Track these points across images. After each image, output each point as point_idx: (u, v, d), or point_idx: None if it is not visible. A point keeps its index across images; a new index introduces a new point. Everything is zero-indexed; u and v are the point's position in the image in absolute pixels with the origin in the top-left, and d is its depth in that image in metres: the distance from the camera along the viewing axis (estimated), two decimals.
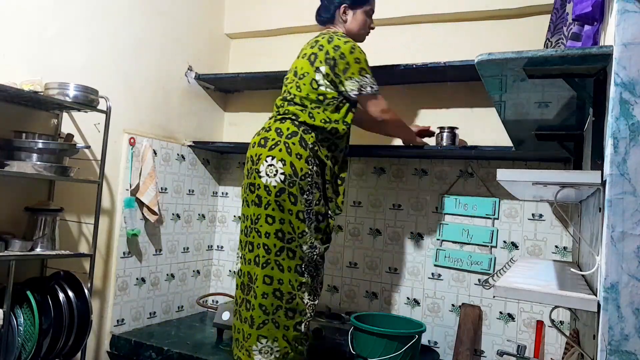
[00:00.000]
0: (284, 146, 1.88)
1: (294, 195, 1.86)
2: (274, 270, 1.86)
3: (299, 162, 1.87)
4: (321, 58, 1.95)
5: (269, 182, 1.86)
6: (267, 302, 1.85)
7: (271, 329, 1.85)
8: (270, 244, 1.86)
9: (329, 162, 1.98)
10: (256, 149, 1.93)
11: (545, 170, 1.10)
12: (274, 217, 1.86)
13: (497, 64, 1.13)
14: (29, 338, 1.82)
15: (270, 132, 1.94)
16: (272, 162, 1.87)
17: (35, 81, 1.86)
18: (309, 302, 1.91)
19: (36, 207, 1.95)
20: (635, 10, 0.95)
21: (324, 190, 1.98)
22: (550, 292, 1.01)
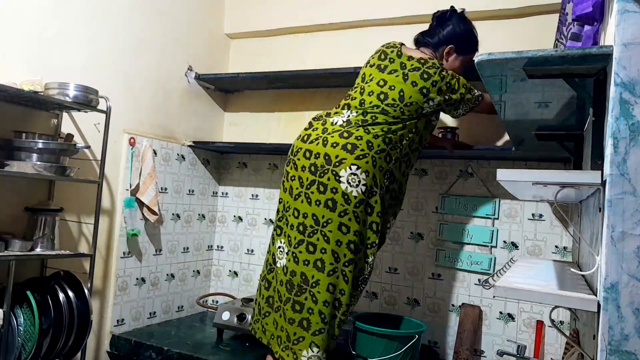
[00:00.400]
0: (371, 159, 1.83)
1: (371, 207, 1.83)
2: (339, 279, 1.81)
3: (379, 174, 1.84)
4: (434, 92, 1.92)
5: (350, 190, 1.79)
6: (327, 311, 1.80)
7: (326, 339, 1.81)
8: (340, 253, 1.80)
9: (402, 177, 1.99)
10: (338, 151, 1.83)
11: (545, 170, 1.10)
12: (350, 227, 1.80)
13: (497, 64, 1.13)
14: (29, 338, 1.82)
15: (361, 142, 1.84)
16: (356, 171, 1.81)
17: (35, 81, 1.86)
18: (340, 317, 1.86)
19: (36, 207, 1.95)
20: (635, 10, 0.95)
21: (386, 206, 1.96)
22: (550, 292, 1.01)
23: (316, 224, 1.82)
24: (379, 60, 2.03)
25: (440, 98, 1.92)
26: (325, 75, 2.57)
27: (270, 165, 2.94)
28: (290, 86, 2.87)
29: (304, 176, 1.86)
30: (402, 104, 1.89)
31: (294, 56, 2.90)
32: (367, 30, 2.72)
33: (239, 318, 2.34)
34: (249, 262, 2.95)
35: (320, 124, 1.94)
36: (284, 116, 2.95)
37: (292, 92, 2.93)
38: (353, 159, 1.81)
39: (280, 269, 1.91)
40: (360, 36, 2.74)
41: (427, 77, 1.90)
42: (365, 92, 1.96)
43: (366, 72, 2.04)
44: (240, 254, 2.98)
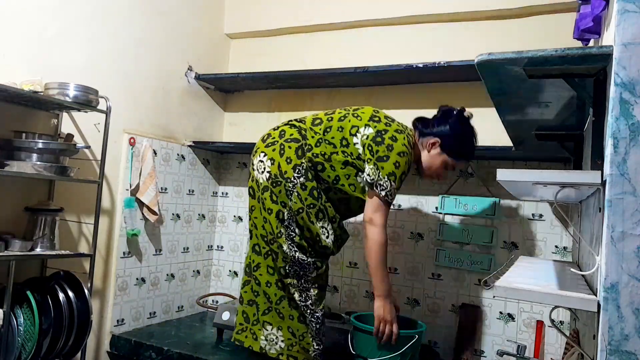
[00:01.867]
0: (279, 147, 1.90)
1: (275, 195, 1.87)
2: (272, 261, 1.91)
3: (286, 166, 1.87)
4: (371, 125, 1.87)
5: (258, 177, 1.92)
6: (271, 291, 1.91)
7: (275, 316, 1.90)
8: (268, 235, 1.91)
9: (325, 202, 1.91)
10: (258, 142, 2.00)
11: (545, 170, 1.10)
12: (260, 211, 1.92)
13: (497, 64, 1.13)
14: (29, 338, 1.82)
15: (275, 131, 1.98)
16: (263, 158, 1.91)
17: (35, 81, 1.86)
18: (299, 301, 1.90)
19: (36, 207, 1.95)
20: (635, 10, 0.95)
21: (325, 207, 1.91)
22: (550, 292, 1.01)
23: (250, 211, 1.98)
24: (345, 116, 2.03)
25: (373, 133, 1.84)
26: (325, 75, 2.57)
27: None
28: (290, 86, 2.87)
29: None
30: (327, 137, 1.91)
31: (294, 56, 2.90)
32: (367, 30, 2.72)
33: None
34: None
35: None
36: (284, 116, 2.95)
37: (292, 92, 2.93)
38: (263, 146, 1.94)
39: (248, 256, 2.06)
40: (360, 36, 2.74)
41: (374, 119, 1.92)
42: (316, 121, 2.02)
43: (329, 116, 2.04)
44: (240, 254, 2.97)
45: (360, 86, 2.72)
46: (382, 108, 2.67)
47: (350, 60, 2.61)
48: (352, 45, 2.74)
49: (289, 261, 1.88)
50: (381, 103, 2.68)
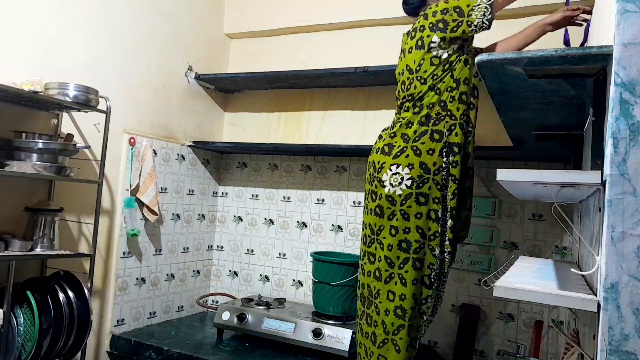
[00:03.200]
0: (411, 151, 1.74)
1: (424, 195, 1.72)
2: (397, 285, 1.73)
3: (430, 158, 1.73)
4: (427, 33, 1.78)
5: (393, 191, 1.74)
6: (388, 320, 1.73)
7: (391, 349, 1.72)
8: (393, 257, 1.74)
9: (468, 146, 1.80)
10: (379, 156, 1.80)
11: (545, 170, 1.10)
12: (398, 227, 1.73)
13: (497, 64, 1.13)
14: (29, 338, 1.82)
15: (396, 138, 1.79)
16: (397, 170, 1.74)
17: (35, 81, 1.86)
18: (427, 318, 1.77)
19: (36, 207, 1.95)
20: (635, 10, 0.95)
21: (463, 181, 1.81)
22: (550, 292, 1.01)
23: (372, 233, 1.79)
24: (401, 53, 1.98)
25: (438, 32, 1.76)
26: (325, 75, 2.57)
27: (270, 165, 2.94)
28: (290, 86, 2.87)
29: (366, 188, 1.86)
30: (415, 75, 1.81)
31: (294, 56, 2.90)
32: (367, 30, 2.72)
33: (239, 318, 2.34)
34: (249, 262, 2.95)
35: (384, 132, 1.90)
36: (284, 116, 2.95)
37: (292, 92, 2.93)
38: (391, 159, 1.77)
39: (359, 284, 1.88)
40: (360, 36, 2.74)
41: (415, 31, 1.83)
42: (396, 93, 1.93)
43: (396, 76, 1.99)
44: (240, 254, 2.98)
45: (360, 86, 2.73)
46: (382, 108, 2.68)
47: (350, 60, 2.61)
48: (352, 45, 2.74)
49: (435, 267, 1.75)
50: (381, 103, 2.68)
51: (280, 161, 2.92)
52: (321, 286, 2.33)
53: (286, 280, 2.83)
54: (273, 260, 2.88)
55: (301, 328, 2.24)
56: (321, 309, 2.35)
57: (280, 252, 2.86)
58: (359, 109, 2.75)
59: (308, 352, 2.22)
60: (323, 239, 2.75)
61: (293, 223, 2.84)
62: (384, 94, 2.67)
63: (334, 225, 2.73)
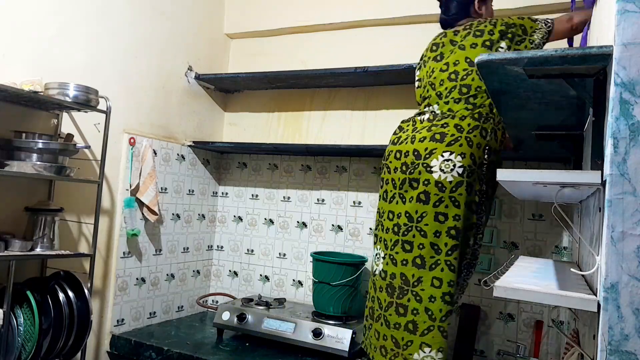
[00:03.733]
0: (465, 141, 1.77)
1: (471, 186, 1.75)
2: (445, 271, 1.72)
3: (477, 152, 1.77)
4: (497, 38, 1.88)
5: (443, 177, 1.74)
6: (435, 306, 1.71)
7: (437, 336, 1.71)
8: (441, 244, 1.73)
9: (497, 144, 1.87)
10: (427, 143, 1.80)
11: (545, 170, 1.10)
12: (447, 214, 1.73)
13: (497, 64, 1.13)
14: (29, 338, 1.82)
15: (449, 128, 1.81)
16: (449, 157, 1.75)
17: (35, 81, 1.86)
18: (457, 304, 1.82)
19: (36, 207, 1.95)
20: (635, 10, 0.95)
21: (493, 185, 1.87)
22: (550, 292, 1.01)
23: (410, 220, 1.77)
24: (432, 53, 2.01)
25: (506, 41, 1.86)
26: (325, 75, 2.57)
27: (270, 165, 2.94)
28: (290, 86, 2.87)
29: (396, 177, 1.84)
30: (475, 68, 1.83)
31: (294, 56, 2.90)
32: (367, 30, 2.72)
33: (239, 318, 2.34)
34: (249, 262, 2.95)
35: (410, 124, 1.92)
36: (284, 116, 2.95)
37: (292, 92, 2.93)
38: (444, 146, 1.77)
39: (377, 275, 1.85)
40: (360, 36, 2.74)
41: (481, 33, 1.88)
42: (436, 84, 1.93)
43: (426, 70, 2.00)
44: (240, 254, 2.98)
45: (360, 86, 2.73)
46: (382, 108, 2.68)
47: (350, 60, 2.61)
48: (352, 45, 2.74)
49: (468, 257, 1.81)
50: (381, 103, 2.68)
51: (280, 161, 2.92)
52: (321, 286, 2.33)
53: (286, 280, 2.83)
54: (273, 260, 2.88)
55: (301, 328, 2.24)
56: (321, 309, 2.35)
57: (280, 252, 2.86)
58: (359, 109, 2.75)
59: (308, 352, 2.22)
60: (323, 239, 2.75)
61: (293, 223, 2.84)
62: (384, 94, 2.67)
63: (334, 225, 2.73)
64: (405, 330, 1.74)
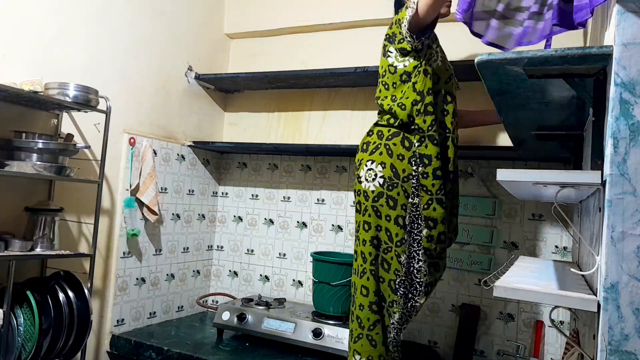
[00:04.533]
0: (384, 149, 1.76)
1: (393, 200, 1.72)
2: (370, 280, 1.74)
3: (400, 164, 1.73)
4: (385, 43, 1.85)
5: (367, 186, 1.75)
6: (363, 315, 1.74)
7: (365, 345, 1.73)
8: (366, 252, 1.75)
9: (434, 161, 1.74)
10: (359, 154, 1.83)
11: (545, 170, 1.10)
12: (370, 223, 1.74)
13: (497, 64, 1.13)
14: (29, 338, 1.82)
15: (372, 136, 1.82)
16: (371, 166, 1.76)
17: (35, 81, 1.86)
18: (395, 323, 1.75)
19: (36, 207, 1.95)
20: (635, 10, 0.95)
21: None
22: (550, 292, 1.01)
23: (356, 230, 1.82)
24: None
25: (393, 44, 1.80)
26: (325, 75, 2.57)
27: (270, 165, 2.94)
28: (290, 86, 2.87)
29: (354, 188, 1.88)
30: (380, 79, 1.86)
31: (294, 56, 2.90)
32: (367, 30, 2.72)
33: (239, 318, 2.34)
34: (249, 262, 2.95)
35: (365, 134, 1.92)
36: (284, 116, 2.95)
37: (292, 92, 2.93)
38: (368, 155, 1.79)
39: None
40: (360, 36, 2.74)
41: (386, 38, 1.87)
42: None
43: None
44: (240, 254, 2.98)
45: (360, 86, 2.72)
46: None
47: (350, 60, 2.61)
48: (352, 45, 2.74)
49: (401, 274, 1.74)
50: None
51: (280, 161, 2.92)
52: (321, 286, 2.33)
53: (286, 280, 2.83)
54: (273, 260, 2.88)
55: (301, 328, 2.24)
56: (321, 309, 2.35)
57: (280, 252, 2.86)
58: (359, 109, 2.75)
59: (308, 352, 2.22)
60: (323, 239, 2.76)
61: (293, 223, 2.85)
62: None
63: (334, 225, 2.73)
64: (349, 337, 1.81)
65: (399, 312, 1.75)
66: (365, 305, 1.74)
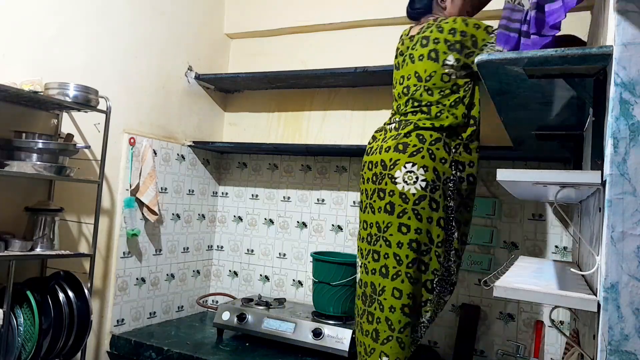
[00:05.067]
0: (427, 153, 1.75)
1: (436, 202, 1.73)
2: (405, 283, 1.72)
3: (442, 167, 1.75)
4: (444, 49, 1.80)
5: (407, 189, 1.73)
6: (394, 317, 1.72)
7: (394, 347, 1.72)
8: (402, 255, 1.73)
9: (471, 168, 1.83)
10: (391, 154, 1.79)
11: (545, 170, 1.10)
12: (409, 226, 1.72)
13: (497, 64, 1.13)
14: (29, 338, 1.82)
15: (411, 138, 1.79)
16: (412, 168, 1.74)
17: (35, 81, 1.86)
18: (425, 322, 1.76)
19: (36, 207, 1.95)
20: (635, 10, 0.95)
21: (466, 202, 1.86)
22: (550, 292, 1.01)
23: (379, 230, 1.78)
24: (395, 60, 2.00)
25: (454, 53, 1.78)
26: (325, 75, 2.57)
27: (270, 165, 2.94)
28: (290, 86, 2.87)
29: (368, 187, 1.85)
30: (423, 83, 1.82)
31: (294, 56, 2.90)
32: (367, 30, 2.72)
33: (239, 318, 2.34)
34: (249, 262, 2.95)
35: (382, 134, 1.90)
36: (284, 116, 2.95)
37: (292, 92, 2.93)
38: (407, 157, 1.76)
39: (357, 284, 1.88)
40: (360, 36, 2.74)
41: (427, 41, 1.83)
42: (395, 95, 1.94)
43: (395, 75, 2.00)
44: (240, 254, 2.98)
45: (360, 86, 2.73)
46: (382, 108, 2.68)
47: (350, 60, 2.61)
48: (352, 45, 2.74)
49: (439, 274, 1.75)
50: (381, 103, 2.68)
51: (280, 161, 2.92)
52: (321, 286, 2.33)
53: (286, 280, 2.83)
54: (273, 260, 2.88)
55: (301, 328, 2.24)
56: (321, 309, 2.35)
57: (280, 252, 2.86)
58: (359, 109, 2.75)
59: (308, 352, 2.22)
60: (323, 239, 2.76)
61: (293, 223, 2.85)
62: (384, 94, 2.66)
63: (334, 225, 2.73)
64: (370, 338, 1.78)
65: (431, 311, 1.77)
66: (397, 307, 1.72)
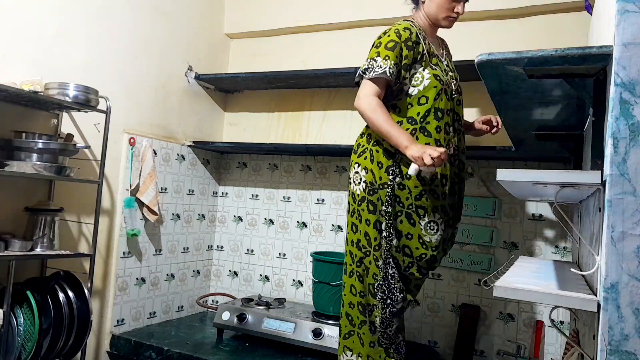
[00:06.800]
0: (369, 154, 1.78)
1: (373, 204, 1.74)
2: (356, 280, 1.78)
3: (378, 171, 1.74)
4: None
5: (354, 189, 1.80)
6: (353, 313, 1.79)
7: (356, 342, 1.78)
8: (354, 253, 1.79)
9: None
10: (351, 156, 1.87)
11: (545, 170, 1.10)
12: (357, 226, 1.78)
13: (497, 64, 1.13)
14: (29, 338, 1.82)
15: (362, 138, 1.84)
16: (357, 169, 1.80)
17: (35, 81, 1.86)
18: (380, 328, 1.75)
19: (36, 207, 1.95)
20: (635, 10, 0.95)
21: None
22: (550, 292, 1.01)
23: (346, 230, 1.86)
24: None
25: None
26: (325, 75, 2.57)
27: (270, 165, 2.94)
28: (290, 86, 2.87)
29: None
30: None
31: (294, 56, 2.90)
32: (367, 30, 2.72)
33: (239, 318, 2.34)
34: (249, 262, 2.95)
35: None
36: (284, 116, 2.95)
37: (292, 92, 2.93)
38: (356, 157, 1.83)
39: None
40: (360, 36, 2.73)
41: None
42: None
43: None
44: (240, 254, 2.98)
45: None
46: None
47: (350, 60, 2.61)
48: (352, 45, 2.74)
49: (379, 279, 1.74)
50: None
51: (280, 161, 2.92)
52: (321, 286, 2.33)
53: (286, 280, 2.83)
54: (273, 260, 2.88)
55: (301, 328, 2.24)
56: (321, 309, 2.35)
57: (280, 252, 2.86)
58: None
59: (308, 352, 2.22)
60: (323, 239, 2.76)
61: (293, 223, 2.84)
62: None
63: (334, 225, 2.73)
64: (339, 334, 1.84)
65: (379, 316, 1.74)
66: (355, 303, 1.79)
